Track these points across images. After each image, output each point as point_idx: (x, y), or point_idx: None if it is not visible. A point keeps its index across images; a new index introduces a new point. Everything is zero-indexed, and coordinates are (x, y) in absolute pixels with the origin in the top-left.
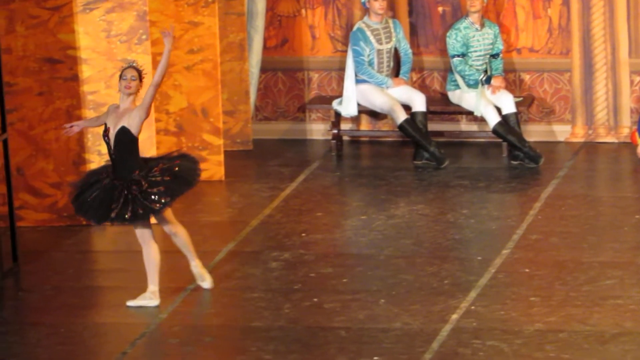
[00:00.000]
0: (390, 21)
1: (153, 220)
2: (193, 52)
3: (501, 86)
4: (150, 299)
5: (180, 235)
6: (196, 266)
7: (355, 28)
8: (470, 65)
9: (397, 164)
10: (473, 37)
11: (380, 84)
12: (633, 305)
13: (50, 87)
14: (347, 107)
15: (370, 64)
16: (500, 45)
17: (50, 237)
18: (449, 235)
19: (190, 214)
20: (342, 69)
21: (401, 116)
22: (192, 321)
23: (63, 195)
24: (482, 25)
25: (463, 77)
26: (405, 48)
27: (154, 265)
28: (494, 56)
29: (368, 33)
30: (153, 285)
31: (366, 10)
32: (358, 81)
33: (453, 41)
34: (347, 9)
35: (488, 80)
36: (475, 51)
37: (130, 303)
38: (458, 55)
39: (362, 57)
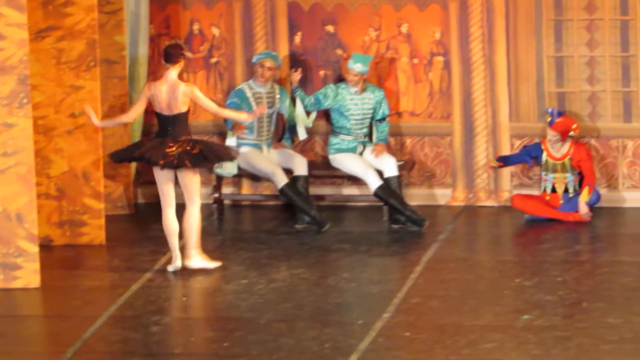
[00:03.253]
0: (277, 87)
1: None
2: (74, 116)
3: (383, 150)
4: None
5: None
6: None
7: (237, 87)
8: (348, 132)
9: (279, 227)
10: (351, 101)
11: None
12: None
13: None
14: (227, 166)
15: (250, 127)
16: (386, 110)
17: None
18: (330, 299)
19: (71, 278)
20: (222, 134)
21: (282, 180)
22: None
23: None
24: (363, 90)
25: (302, 102)
26: (290, 113)
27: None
28: (380, 120)
29: (248, 94)
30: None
31: (255, 72)
32: (239, 144)
33: (324, 90)
34: (229, 72)
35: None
36: (353, 115)
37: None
38: (312, 100)
39: (233, 102)
